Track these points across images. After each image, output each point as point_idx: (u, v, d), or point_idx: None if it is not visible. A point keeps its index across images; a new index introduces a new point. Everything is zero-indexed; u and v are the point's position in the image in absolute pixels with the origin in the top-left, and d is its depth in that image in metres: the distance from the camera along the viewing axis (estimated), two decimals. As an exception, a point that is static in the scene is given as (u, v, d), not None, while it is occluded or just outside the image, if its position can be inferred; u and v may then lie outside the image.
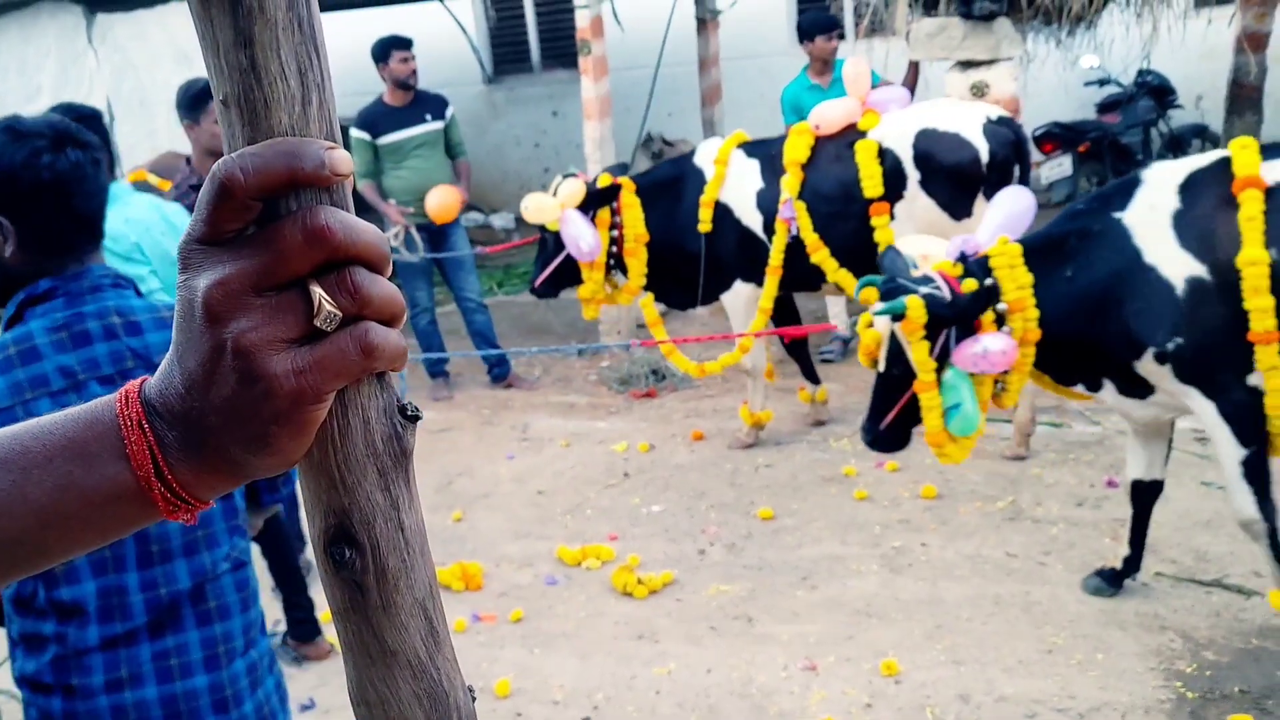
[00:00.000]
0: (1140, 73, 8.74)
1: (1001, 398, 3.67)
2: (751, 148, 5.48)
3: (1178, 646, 3.57)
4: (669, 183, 5.59)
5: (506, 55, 11.72)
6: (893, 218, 5.08)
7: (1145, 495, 3.88)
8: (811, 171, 5.22)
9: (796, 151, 5.22)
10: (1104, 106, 8.67)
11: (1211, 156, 3.52)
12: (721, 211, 5.40)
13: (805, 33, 6.42)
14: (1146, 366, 3.47)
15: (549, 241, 5.55)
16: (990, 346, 3.38)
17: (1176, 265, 3.38)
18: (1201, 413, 3.45)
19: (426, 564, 0.66)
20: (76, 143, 1.82)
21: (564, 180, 5.45)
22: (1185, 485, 4.65)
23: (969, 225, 4.98)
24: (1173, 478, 4.71)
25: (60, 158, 1.79)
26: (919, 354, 3.49)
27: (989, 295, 3.43)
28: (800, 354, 5.83)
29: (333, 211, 0.59)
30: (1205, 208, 3.41)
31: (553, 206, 5.36)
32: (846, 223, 5.12)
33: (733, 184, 5.39)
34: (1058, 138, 8.04)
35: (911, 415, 3.63)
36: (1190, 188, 3.46)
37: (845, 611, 3.99)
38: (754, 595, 4.16)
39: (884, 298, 3.51)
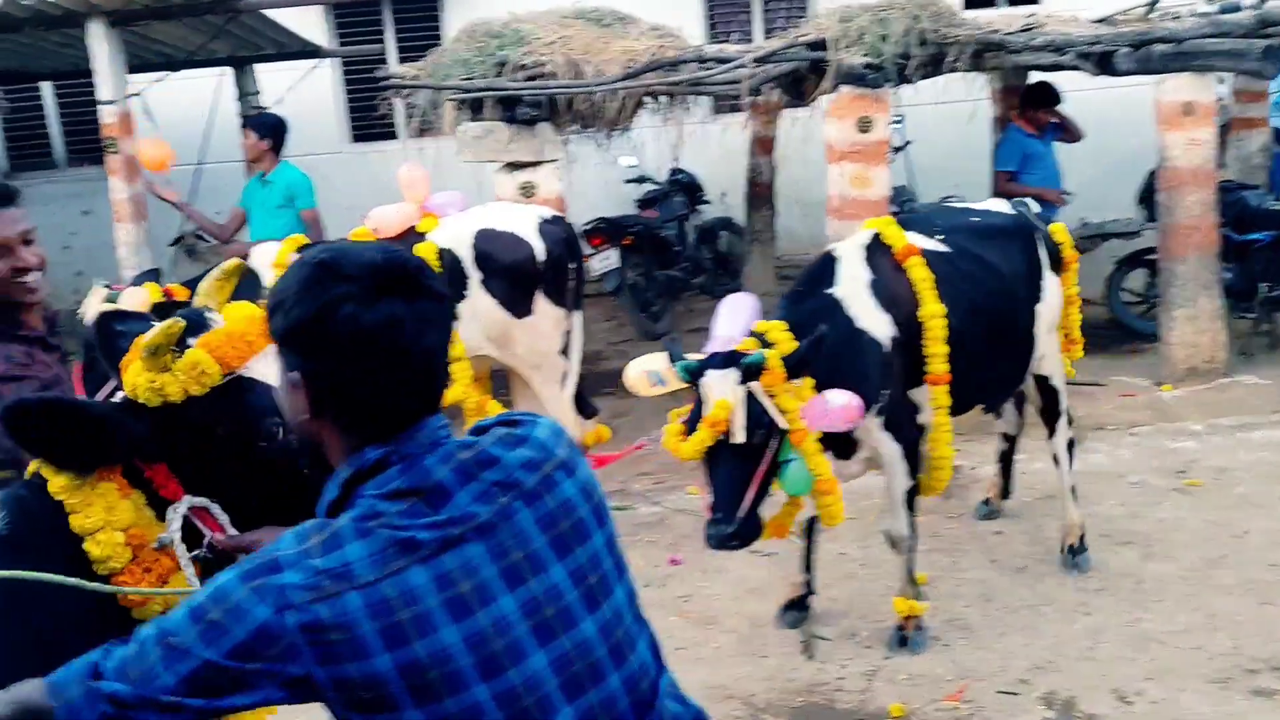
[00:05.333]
0: (673, 171, 9.54)
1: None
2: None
3: (741, 714, 3.80)
4: None
5: (25, 149, 10.67)
6: (456, 317, 5.11)
7: None
8: (371, 275, 5.16)
9: (354, 255, 5.13)
10: (644, 202, 9.36)
11: (868, 233, 4.16)
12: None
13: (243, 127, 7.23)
14: (868, 421, 3.84)
15: (97, 363, 4.99)
16: (834, 401, 3.47)
17: (881, 326, 3.91)
18: (888, 453, 4.00)
19: None
20: (404, 291, 1.42)
21: (100, 289, 4.93)
22: (737, 556, 4.98)
23: (532, 323, 5.13)
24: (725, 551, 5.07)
25: (367, 311, 1.39)
26: (789, 404, 3.46)
27: (818, 343, 3.53)
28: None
29: None
30: (887, 275, 4.02)
31: None
32: (409, 325, 5.10)
33: (289, 288, 5.20)
34: (604, 232, 8.55)
35: (762, 492, 3.51)
36: (871, 260, 4.05)
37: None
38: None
39: (703, 370, 3.47)
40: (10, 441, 1.75)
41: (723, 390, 3.44)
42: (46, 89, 10.49)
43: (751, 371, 3.46)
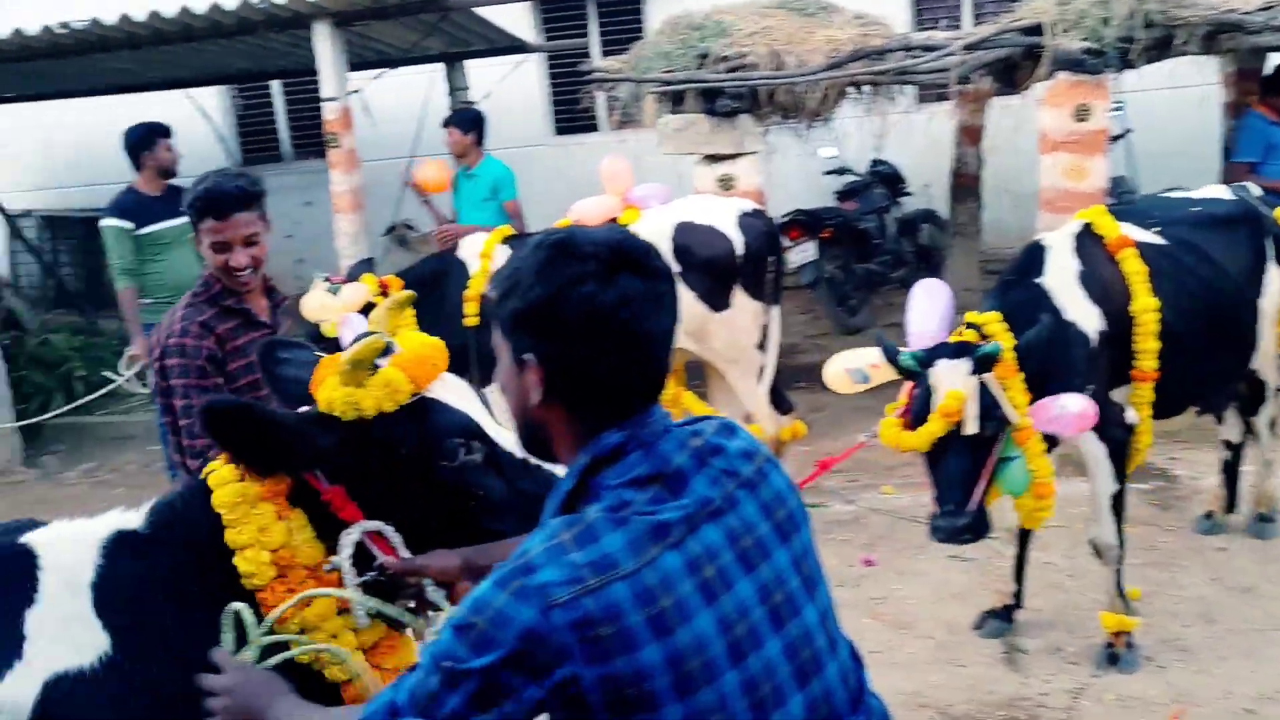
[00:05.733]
0: (873, 163, 9.32)
1: None
2: (517, 243, 5.45)
3: (937, 724, 3.69)
4: (434, 277, 5.47)
5: (255, 144, 11.36)
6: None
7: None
8: (574, 267, 5.25)
9: (558, 248, 5.23)
10: (843, 194, 9.18)
11: (1078, 223, 4.00)
12: (488, 306, 5.32)
13: (443, 124, 7.16)
14: None
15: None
16: (1069, 406, 3.40)
17: (1089, 319, 3.76)
18: (1091, 452, 3.82)
19: None
20: (638, 270, 1.43)
21: (321, 282, 5.20)
22: (934, 559, 4.85)
23: (729, 317, 5.12)
24: (922, 553, 4.94)
25: (605, 289, 1.40)
26: (1020, 398, 3.43)
27: (1046, 333, 3.47)
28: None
29: None
30: (1098, 266, 3.86)
31: (336, 308, 5.09)
32: (608, 317, 5.16)
33: (499, 278, 5.33)
34: (802, 225, 8.42)
35: (988, 486, 3.44)
36: (1080, 250, 3.90)
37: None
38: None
39: (933, 360, 3.42)
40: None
41: (954, 380, 3.36)
42: (276, 87, 11.14)
43: (986, 362, 3.38)
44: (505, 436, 1.95)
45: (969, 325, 3.65)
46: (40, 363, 8.46)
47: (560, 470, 1.97)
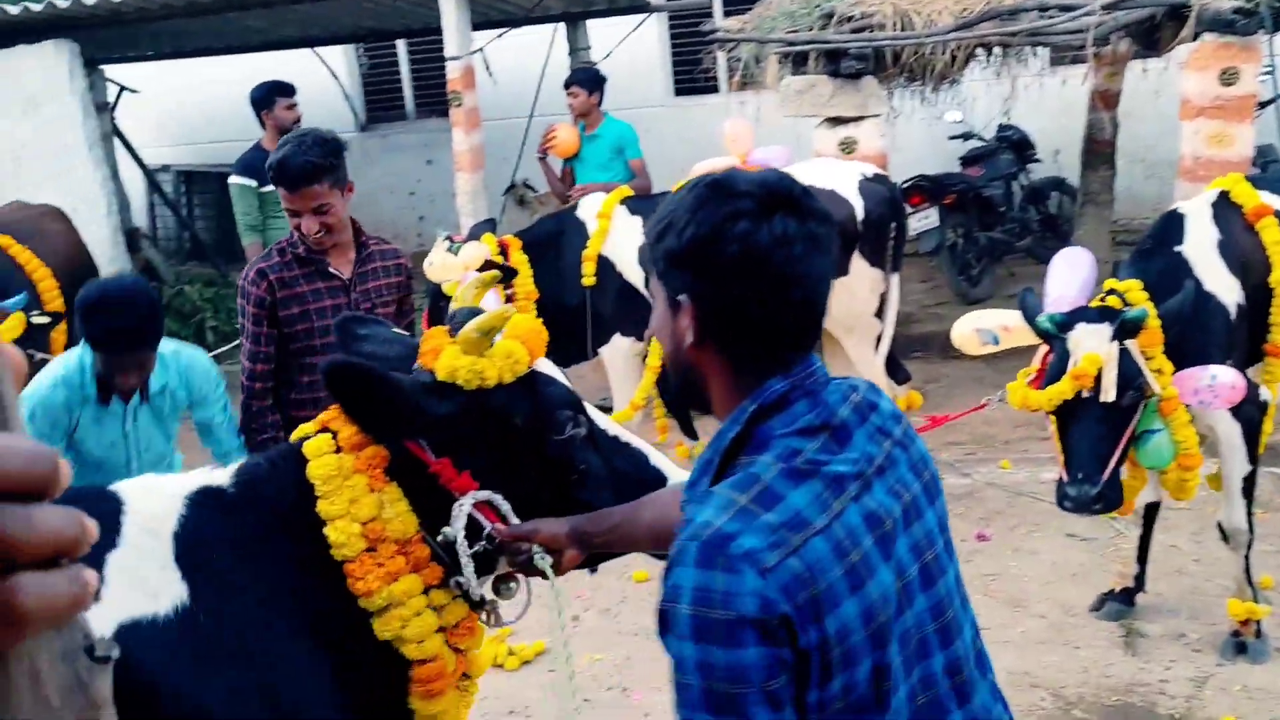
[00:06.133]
0: (1001, 128, 9.02)
1: None
2: (635, 204, 5.45)
3: (1048, 706, 3.59)
4: (552, 238, 5.51)
5: (380, 103, 11.57)
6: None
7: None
8: (691, 229, 5.22)
9: (676, 209, 5.21)
10: (967, 160, 8.91)
11: (1214, 192, 3.83)
12: (604, 265, 5.34)
13: (565, 84, 7.05)
14: None
15: (444, 310, 5.36)
16: (1221, 377, 3.31)
17: (1229, 291, 3.62)
18: (1226, 431, 3.65)
19: None
20: (794, 210, 1.39)
21: (442, 241, 5.28)
22: (1051, 537, 4.73)
23: (847, 284, 5.03)
24: (1038, 531, 4.81)
25: (761, 228, 1.36)
26: (1166, 367, 3.35)
27: (1189, 301, 3.37)
28: (680, 411, 5.79)
29: None
30: (1237, 236, 3.69)
31: (456, 266, 5.18)
32: (726, 280, 5.13)
33: (616, 239, 5.34)
34: (924, 190, 8.21)
35: (1123, 458, 3.34)
36: (1219, 219, 3.73)
37: (723, 678, 3.92)
38: (630, 663, 4.06)
39: (1073, 323, 3.31)
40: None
41: (1093, 345, 3.23)
42: (401, 46, 11.31)
43: (1129, 328, 3.24)
44: (599, 414, 1.98)
45: (1109, 292, 3.52)
46: (175, 313, 8.82)
47: (646, 449, 2.01)
